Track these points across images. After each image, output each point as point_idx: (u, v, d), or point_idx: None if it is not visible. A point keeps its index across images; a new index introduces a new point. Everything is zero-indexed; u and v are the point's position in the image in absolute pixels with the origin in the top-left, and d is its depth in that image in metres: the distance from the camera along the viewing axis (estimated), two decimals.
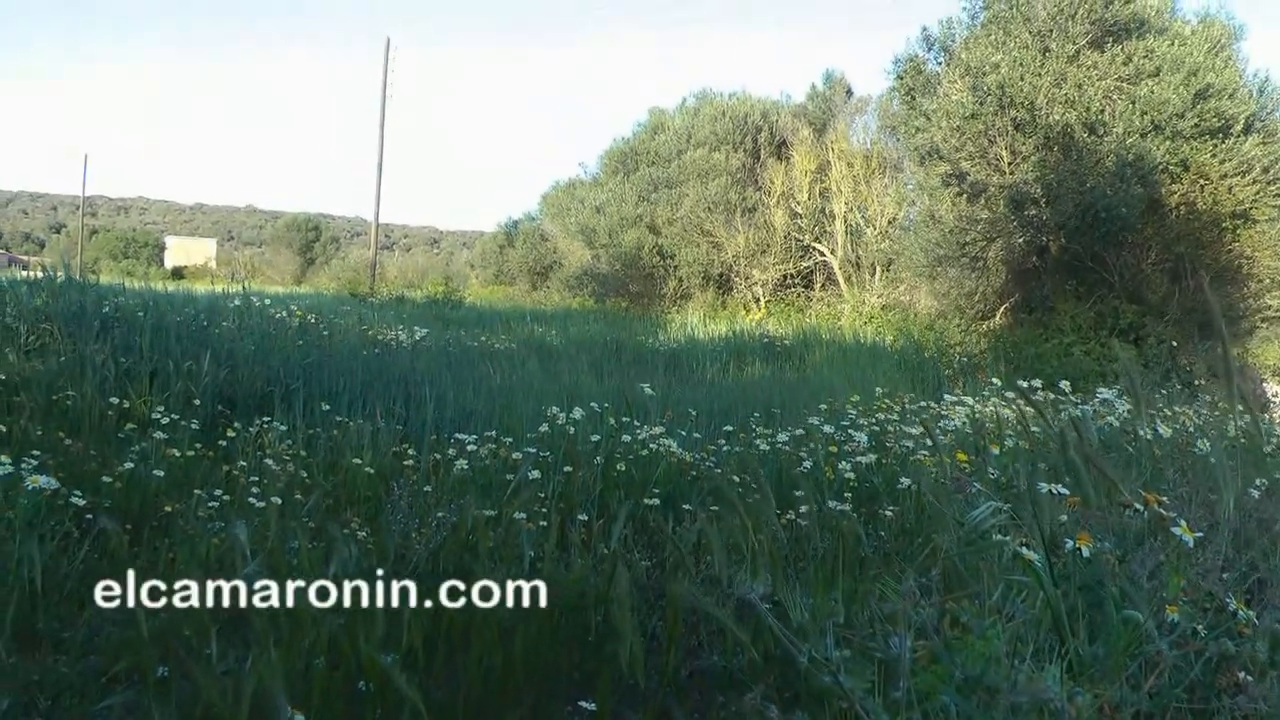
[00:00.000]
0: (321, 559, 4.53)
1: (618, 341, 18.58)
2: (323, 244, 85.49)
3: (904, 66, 24.01)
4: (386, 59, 47.76)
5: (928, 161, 22.60)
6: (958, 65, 21.76)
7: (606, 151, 43.59)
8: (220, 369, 9.12)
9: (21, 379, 8.48)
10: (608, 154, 43.36)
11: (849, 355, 18.10)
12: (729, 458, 6.79)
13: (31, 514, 5.15)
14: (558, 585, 3.81)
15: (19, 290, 11.29)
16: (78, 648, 4.34)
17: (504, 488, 5.80)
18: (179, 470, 6.50)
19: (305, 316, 13.92)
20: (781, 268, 32.78)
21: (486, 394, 9.21)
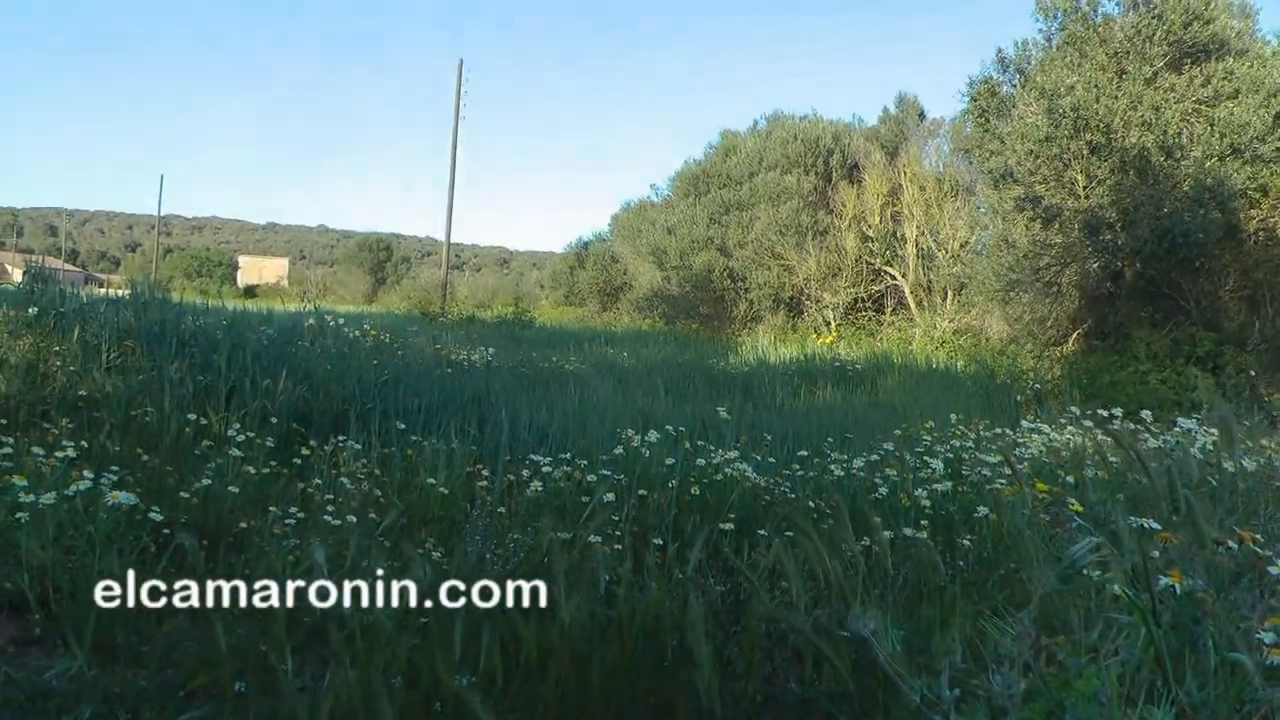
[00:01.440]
0: (398, 578, 4.54)
1: (689, 364, 18.54)
2: (393, 263, 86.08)
3: (978, 89, 23.74)
4: (459, 81, 48.17)
5: (1002, 185, 22.35)
6: (1032, 87, 21.49)
7: (678, 173, 43.65)
8: (296, 387, 9.19)
9: (103, 395, 8.59)
10: (679, 176, 43.40)
11: (921, 380, 17.95)
12: (804, 483, 6.74)
13: (110, 529, 5.20)
14: (634, 611, 3.79)
15: (100, 308, 11.44)
16: (156, 661, 4.37)
17: (578, 510, 5.79)
18: (254, 487, 6.55)
19: (379, 336, 14.02)
20: (852, 291, 32.58)
21: (561, 415, 9.20)
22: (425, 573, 4.08)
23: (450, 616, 3.58)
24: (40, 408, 8.41)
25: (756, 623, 3.46)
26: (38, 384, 8.98)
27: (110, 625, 4.49)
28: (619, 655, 3.73)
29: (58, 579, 4.93)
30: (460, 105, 48.00)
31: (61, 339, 9.95)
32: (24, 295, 11.40)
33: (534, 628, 3.48)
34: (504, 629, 3.59)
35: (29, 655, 4.61)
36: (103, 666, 4.24)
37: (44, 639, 4.73)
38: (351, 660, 3.51)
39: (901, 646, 2.59)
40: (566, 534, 5.11)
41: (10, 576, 5.07)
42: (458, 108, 47.88)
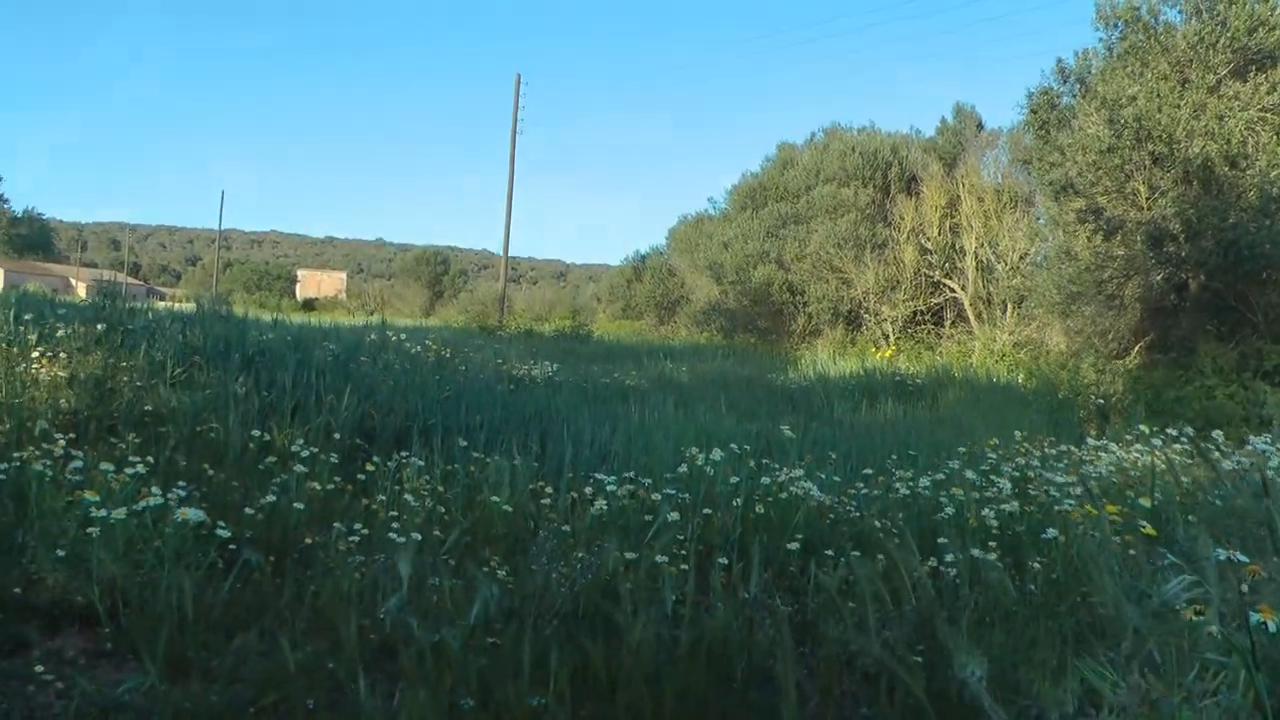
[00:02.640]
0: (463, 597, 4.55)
1: (748, 379, 18.49)
2: (451, 277, 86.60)
3: (1037, 100, 23.52)
4: (517, 95, 48.36)
5: (1062, 197, 22.08)
6: (1093, 98, 21.23)
7: (735, 187, 43.70)
8: (360, 403, 9.23)
9: (169, 411, 8.67)
10: (736, 189, 43.42)
11: (982, 395, 17.79)
12: (869, 502, 6.69)
13: (179, 545, 5.24)
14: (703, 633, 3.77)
15: (166, 324, 11.56)
16: (225, 676, 4.39)
17: (643, 529, 5.78)
18: (318, 503, 6.58)
19: (440, 350, 14.06)
20: (911, 304, 32.42)
21: (623, 432, 9.19)
22: (492, 592, 4.08)
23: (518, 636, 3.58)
24: (108, 422, 8.49)
25: (833, 646, 3.42)
26: (105, 399, 9.07)
27: (181, 640, 4.52)
28: (687, 677, 3.71)
29: (127, 593, 4.97)
30: (518, 119, 48.17)
31: (129, 355, 10.05)
32: (93, 311, 11.53)
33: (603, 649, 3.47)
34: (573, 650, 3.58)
35: (99, 668, 4.66)
36: (173, 681, 4.27)
37: (114, 652, 4.78)
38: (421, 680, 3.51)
39: (969, 670, 2.54)
40: (632, 554, 5.10)
41: (81, 590, 5.13)
42: (515, 121, 48.09)
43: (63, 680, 4.45)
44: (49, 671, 4.49)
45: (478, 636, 4.07)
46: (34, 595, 5.25)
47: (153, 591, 4.97)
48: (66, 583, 5.23)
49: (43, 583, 5.30)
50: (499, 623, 4.28)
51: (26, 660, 4.64)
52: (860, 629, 3.90)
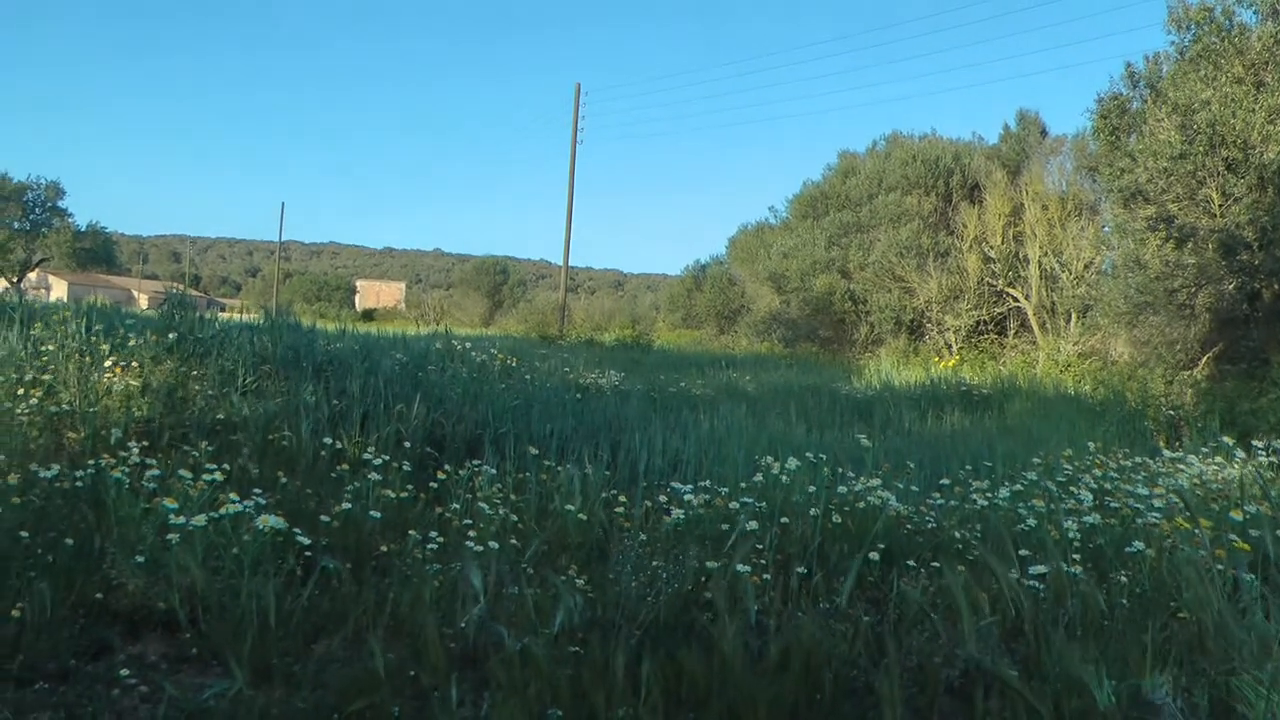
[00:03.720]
0: (545, 606, 4.54)
1: (813, 388, 18.41)
2: (510, 287, 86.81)
3: (1107, 105, 23.16)
4: (577, 104, 48.48)
5: (1132, 204, 21.73)
6: (1164, 102, 20.83)
7: (796, 195, 43.64)
8: (430, 412, 9.26)
9: (240, 419, 8.74)
10: (797, 198, 43.35)
11: (1049, 406, 17.59)
12: (947, 513, 6.62)
13: (258, 551, 5.28)
14: (793, 643, 3.73)
15: (235, 334, 11.66)
16: (309, 683, 4.41)
17: (720, 538, 5.75)
18: (392, 511, 6.60)
19: (506, 360, 14.10)
20: (974, 314, 32.20)
21: (694, 441, 9.16)
22: (575, 601, 4.07)
23: (607, 645, 3.56)
24: (180, 430, 8.57)
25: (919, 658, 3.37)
26: (178, 408, 9.16)
27: (263, 646, 4.55)
28: (779, 688, 3.68)
29: (206, 599, 5.01)
30: (578, 129, 48.27)
31: (200, 364, 10.14)
32: (164, 321, 11.64)
33: (697, 658, 3.44)
34: (664, 660, 3.55)
35: (182, 673, 4.70)
36: (256, 686, 4.29)
37: (195, 657, 4.82)
38: (510, 688, 3.50)
39: (1114, 693, 2.50)
40: (713, 563, 5.07)
41: (162, 595, 5.17)
42: (575, 131, 48.21)
43: (147, 685, 4.49)
44: (133, 676, 4.53)
45: (561, 645, 4.06)
46: (114, 600, 5.31)
47: (233, 598, 5.01)
48: (146, 588, 5.28)
49: (123, 588, 5.36)
50: (582, 632, 4.27)
51: (110, 664, 4.70)
52: (947, 640, 3.86)
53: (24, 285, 72.42)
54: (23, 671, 4.47)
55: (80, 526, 6.06)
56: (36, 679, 4.46)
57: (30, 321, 11.32)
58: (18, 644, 4.65)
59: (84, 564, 5.56)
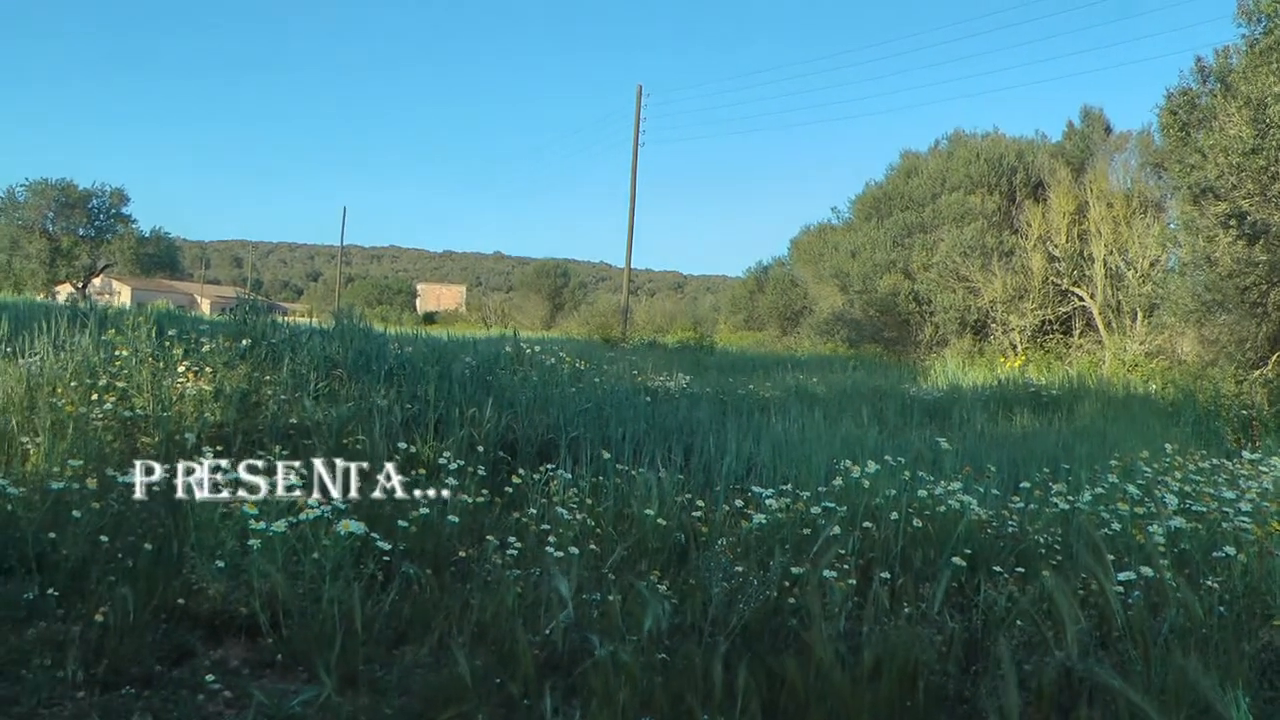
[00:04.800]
0: (627, 611, 4.51)
1: (880, 389, 18.29)
2: (570, 289, 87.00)
3: (1176, 100, 22.74)
4: (638, 107, 48.42)
5: (1202, 201, 21.35)
6: (1235, 96, 20.42)
7: (858, 195, 43.45)
8: (502, 415, 9.26)
9: (313, 424, 8.77)
10: (860, 198, 43.16)
11: (1119, 406, 17.37)
12: (1030, 517, 6.53)
13: (339, 557, 5.28)
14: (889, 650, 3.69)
15: (306, 338, 11.72)
16: (394, 689, 4.41)
17: (800, 543, 5.70)
18: (468, 516, 6.59)
19: (574, 363, 14.09)
20: (1039, 313, 31.90)
21: (768, 444, 9.10)
22: (663, 608, 4.04)
23: (702, 652, 3.53)
24: (254, 435, 8.62)
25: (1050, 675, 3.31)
26: (251, 412, 9.22)
27: (349, 652, 4.55)
28: (873, 697, 3.63)
29: (287, 604, 5.02)
30: (639, 130, 48.21)
31: (273, 368, 10.20)
32: (236, 327, 11.73)
33: (795, 665, 3.40)
34: (758, 667, 3.52)
35: (265, 678, 4.73)
36: (342, 693, 4.29)
37: (278, 663, 4.84)
38: (602, 696, 3.48)
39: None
40: (798, 569, 5.03)
41: (243, 600, 5.20)
42: (637, 133, 48.13)
43: (231, 690, 4.51)
44: (217, 681, 4.55)
45: (648, 652, 4.03)
46: (195, 605, 5.34)
47: (314, 603, 5.02)
48: (227, 593, 5.31)
49: (203, 592, 5.39)
50: (669, 638, 4.24)
51: (193, 669, 4.72)
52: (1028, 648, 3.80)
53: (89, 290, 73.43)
54: (108, 675, 4.51)
55: (158, 531, 6.10)
56: (122, 683, 4.49)
57: (103, 327, 11.44)
58: (102, 648, 4.70)
59: (163, 568, 5.60)
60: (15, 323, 12.87)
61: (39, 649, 4.69)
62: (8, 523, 6.19)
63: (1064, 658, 3.63)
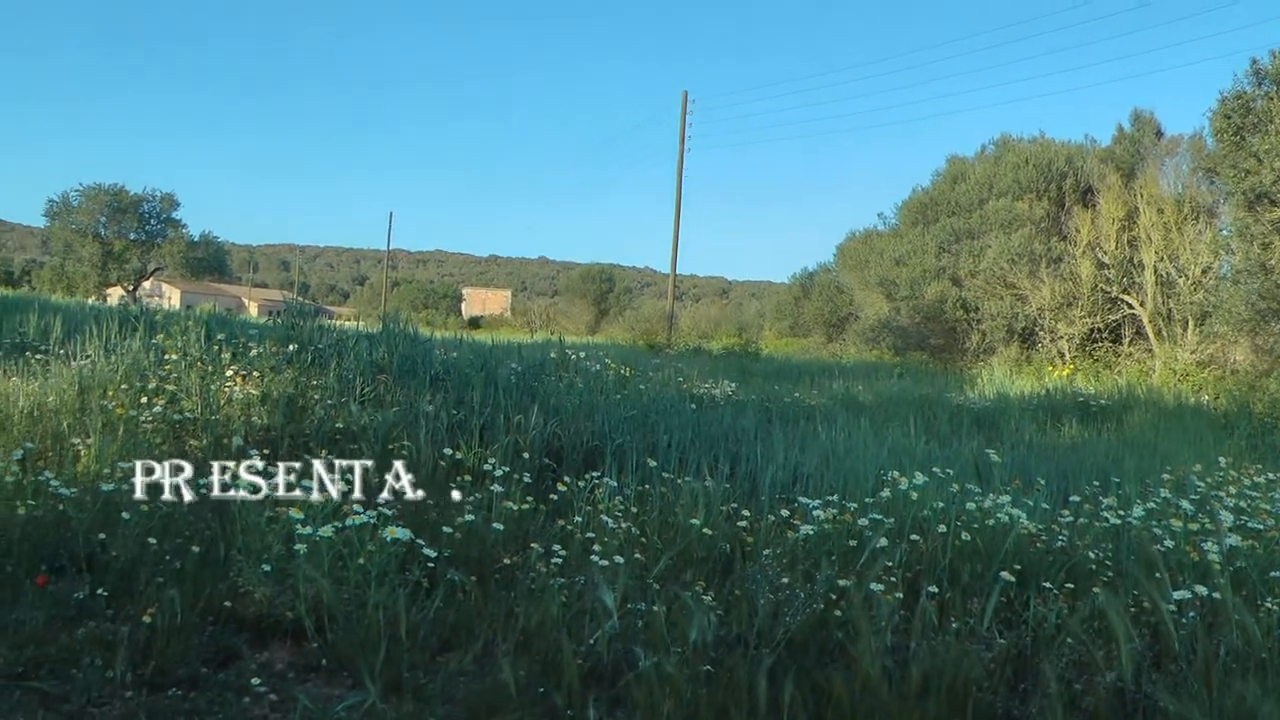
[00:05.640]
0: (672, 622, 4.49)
1: (928, 398, 18.14)
2: (615, 295, 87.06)
3: (1230, 103, 22.40)
4: (684, 113, 48.44)
5: (1257, 206, 21.06)
6: None
7: (905, 201, 43.21)
8: (547, 422, 9.24)
9: (359, 428, 8.80)
10: (906, 204, 42.94)
11: (1170, 417, 17.15)
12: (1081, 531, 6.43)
13: (384, 563, 5.28)
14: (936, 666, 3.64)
15: (352, 343, 11.76)
16: (439, 697, 4.41)
17: (847, 554, 5.66)
18: (513, 523, 6.58)
19: (619, 369, 14.06)
20: (1088, 321, 31.57)
21: (814, 453, 9.04)
22: (708, 619, 4.01)
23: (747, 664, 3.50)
24: (301, 439, 8.65)
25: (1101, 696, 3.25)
26: (297, 416, 9.25)
27: (394, 658, 4.55)
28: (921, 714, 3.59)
29: (333, 609, 5.03)
30: (685, 137, 48.18)
31: (319, 373, 10.24)
32: (284, 331, 11.78)
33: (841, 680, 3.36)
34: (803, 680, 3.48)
35: (310, 682, 4.75)
36: (386, 700, 4.29)
37: (323, 667, 4.85)
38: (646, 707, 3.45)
39: None
40: (845, 581, 4.99)
41: (289, 604, 5.22)
42: (683, 139, 48.14)
43: (276, 693, 4.53)
44: (263, 684, 4.57)
45: (693, 664, 4.01)
46: (241, 608, 5.38)
47: (359, 608, 5.03)
48: (273, 597, 5.33)
49: (249, 596, 5.42)
50: (714, 650, 4.22)
51: (239, 672, 4.75)
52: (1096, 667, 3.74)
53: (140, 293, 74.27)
54: (155, 676, 4.54)
55: (206, 534, 6.14)
56: (169, 684, 4.53)
57: (153, 330, 11.53)
58: (150, 648, 4.73)
59: (210, 571, 5.63)
60: (68, 325, 13.06)
61: (89, 648, 4.74)
62: (59, 523, 6.27)
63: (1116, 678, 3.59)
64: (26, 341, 12.85)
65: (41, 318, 14.50)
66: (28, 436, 8.17)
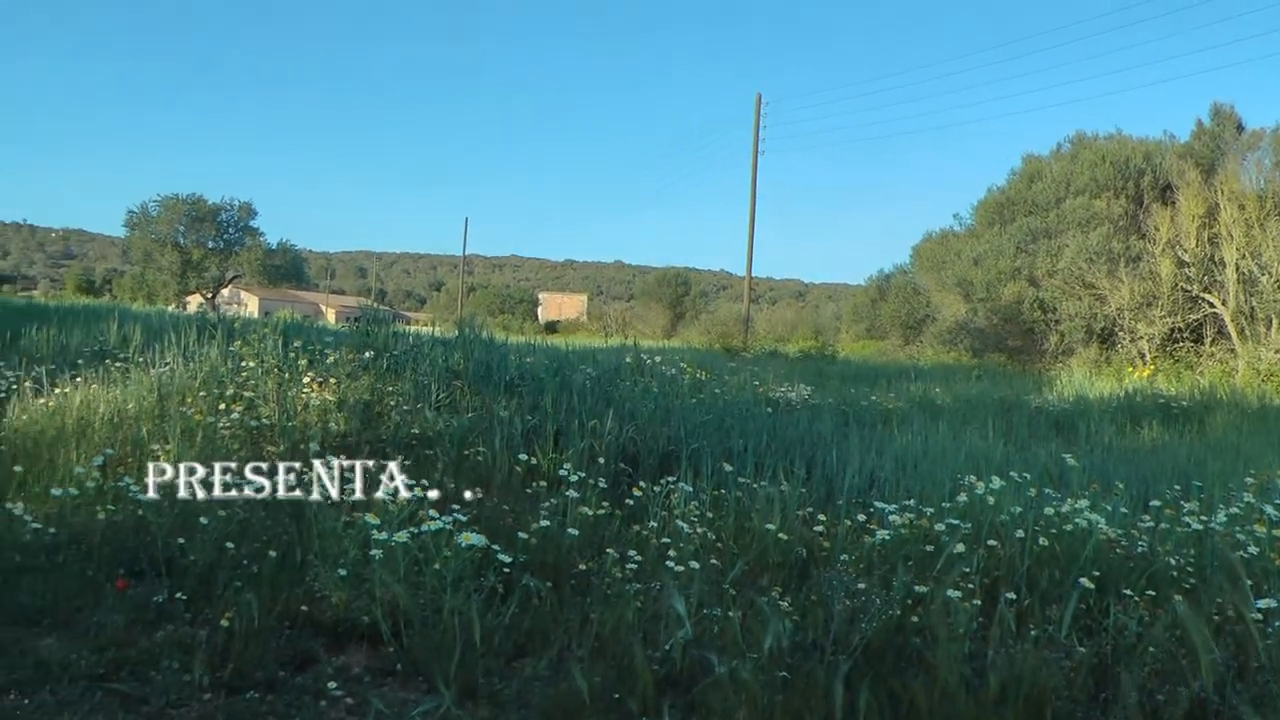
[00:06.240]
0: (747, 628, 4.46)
1: (1005, 401, 17.94)
2: (691, 298, 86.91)
3: None
4: (757, 115, 48.36)
5: None
6: None
7: (981, 201, 42.79)
8: (623, 427, 9.22)
9: (434, 434, 8.84)
10: (982, 204, 42.55)
11: (1255, 419, 16.83)
12: (1161, 537, 6.31)
13: (460, 569, 5.30)
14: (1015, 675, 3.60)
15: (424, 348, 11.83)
16: (513, 703, 4.41)
17: (923, 560, 5.60)
18: (588, 528, 6.58)
19: (695, 373, 14.04)
20: (1168, 321, 31.07)
21: (890, 458, 8.96)
22: (784, 625, 3.98)
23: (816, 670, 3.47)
24: (377, 445, 8.70)
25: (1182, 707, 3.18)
26: (373, 423, 9.32)
27: (469, 663, 4.57)
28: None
29: (409, 614, 5.06)
30: (759, 139, 48.07)
31: (395, 379, 10.31)
32: (360, 338, 11.89)
33: (919, 687, 3.32)
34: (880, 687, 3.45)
35: (385, 687, 4.77)
36: (461, 705, 4.30)
37: (398, 672, 4.88)
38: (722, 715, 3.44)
39: None
40: (923, 587, 4.94)
41: (365, 609, 5.25)
42: (756, 142, 48.08)
43: (352, 698, 4.56)
44: (339, 688, 4.60)
45: (768, 670, 3.98)
46: (318, 612, 5.42)
47: (434, 614, 5.05)
48: (349, 602, 5.37)
49: (325, 600, 5.47)
50: (789, 656, 4.19)
51: (316, 675, 4.79)
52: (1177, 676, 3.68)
53: (218, 301, 75.43)
54: (233, 679, 4.59)
55: (283, 538, 6.20)
56: (246, 687, 4.58)
57: (231, 337, 11.69)
58: (228, 652, 4.78)
59: (287, 575, 5.69)
60: (147, 333, 13.28)
61: (167, 651, 4.80)
62: (139, 527, 6.37)
63: (1198, 689, 3.52)
64: (107, 349, 13.08)
65: (122, 326, 14.78)
66: (108, 443, 8.30)
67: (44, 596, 5.64)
